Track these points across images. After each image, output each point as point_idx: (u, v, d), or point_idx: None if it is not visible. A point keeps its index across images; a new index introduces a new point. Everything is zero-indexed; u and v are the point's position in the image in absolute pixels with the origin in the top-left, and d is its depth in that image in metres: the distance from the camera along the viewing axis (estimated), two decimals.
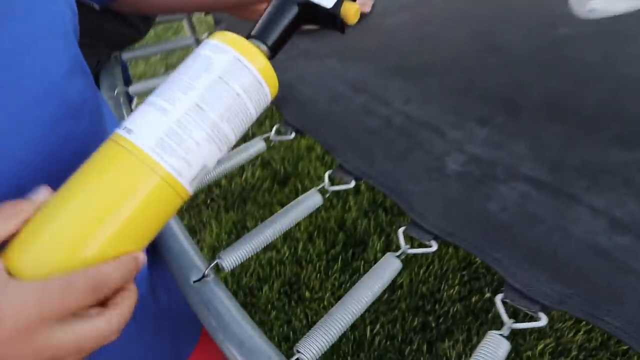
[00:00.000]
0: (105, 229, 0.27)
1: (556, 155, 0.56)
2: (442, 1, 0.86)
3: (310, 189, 0.54)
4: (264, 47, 0.34)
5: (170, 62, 2.33)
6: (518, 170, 0.55)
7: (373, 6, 0.87)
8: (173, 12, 0.64)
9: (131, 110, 0.79)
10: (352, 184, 0.55)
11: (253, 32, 0.34)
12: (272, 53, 0.35)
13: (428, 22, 0.81)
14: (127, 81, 1.04)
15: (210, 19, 1.22)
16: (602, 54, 0.70)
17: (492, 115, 0.62)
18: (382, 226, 1.49)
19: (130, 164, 0.28)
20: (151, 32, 1.78)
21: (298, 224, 1.48)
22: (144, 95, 0.82)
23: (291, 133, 0.64)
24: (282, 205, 0.58)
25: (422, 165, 0.56)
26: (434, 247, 0.48)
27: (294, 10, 0.34)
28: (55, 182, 0.31)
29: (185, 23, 1.03)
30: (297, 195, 0.53)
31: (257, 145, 0.63)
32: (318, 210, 1.56)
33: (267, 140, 0.66)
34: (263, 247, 0.49)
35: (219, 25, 0.90)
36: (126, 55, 0.92)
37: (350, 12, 0.35)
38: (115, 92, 0.81)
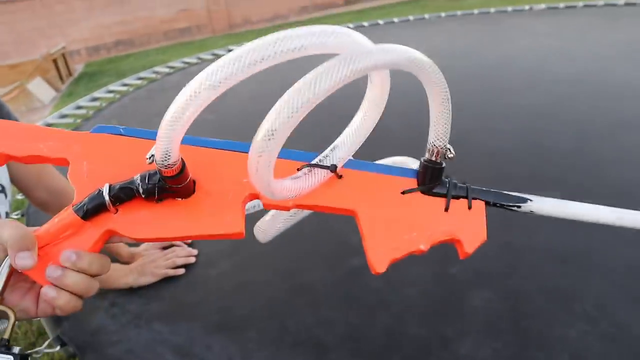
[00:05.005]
0: None
1: None
2: (254, 243, 0.99)
3: None
4: None
5: None
6: None
7: (197, 256, 0.98)
8: None
9: None
10: None
11: None
12: None
13: (245, 268, 0.92)
14: None
15: None
16: (383, 278, 0.86)
17: None
18: None
19: None
20: None
21: None
22: None
23: None
24: None
25: None
26: None
27: None
28: None
29: None
30: None
31: None
32: None
33: None
34: None
35: None
36: None
37: None
38: None
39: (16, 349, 0.35)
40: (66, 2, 7.98)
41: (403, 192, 0.41)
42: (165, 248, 1.00)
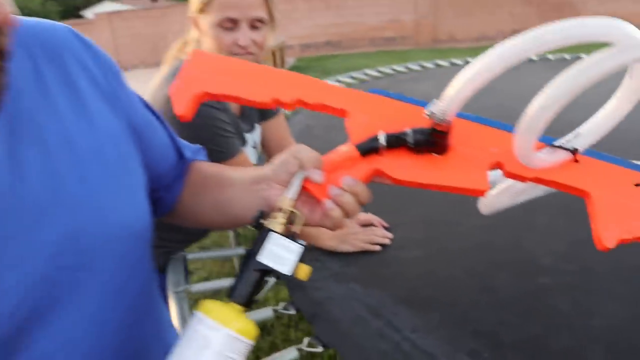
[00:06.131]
0: None
1: None
2: (445, 241, 1.08)
3: None
4: (240, 307, 0.44)
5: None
6: None
7: (392, 239, 1.09)
8: (215, 228, 0.74)
9: (189, 308, 0.97)
10: None
11: (230, 295, 0.45)
12: (248, 306, 0.45)
13: (434, 259, 1.01)
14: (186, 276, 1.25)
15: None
16: (572, 304, 0.87)
17: (481, 350, 0.77)
18: None
19: None
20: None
21: None
22: (201, 295, 1.01)
23: (320, 346, 0.80)
24: None
25: None
26: None
27: (255, 276, 0.44)
28: None
29: (230, 234, 1.27)
30: None
31: (289, 355, 0.79)
32: None
33: (299, 350, 0.82)
34: None
35: None
36: (190, 256, 1.14)
37: (303, 274, 0.45)
38: (180, 288, 1.01)
39: (302, 241, 0.47)
40: (292, 2, 8.96)
41: (637, 185, 0.45)
42: (364, 227, 1.14)
